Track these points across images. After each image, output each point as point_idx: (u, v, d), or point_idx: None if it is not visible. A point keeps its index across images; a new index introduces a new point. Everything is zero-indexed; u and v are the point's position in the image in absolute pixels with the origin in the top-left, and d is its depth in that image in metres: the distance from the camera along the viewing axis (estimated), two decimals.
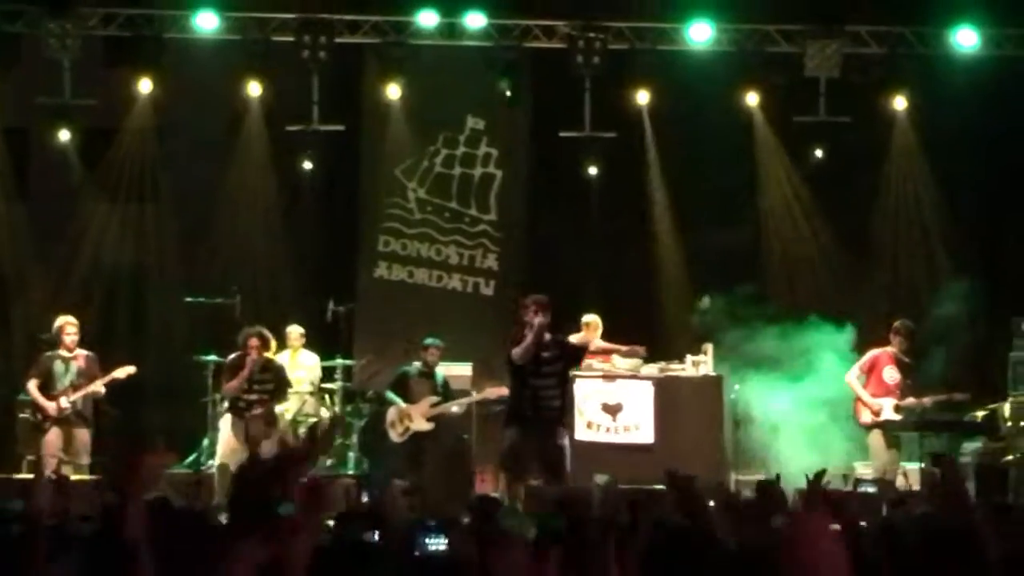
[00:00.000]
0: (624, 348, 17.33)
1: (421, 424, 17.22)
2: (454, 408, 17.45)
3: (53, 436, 16.07)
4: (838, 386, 17.13)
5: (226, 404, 16.55)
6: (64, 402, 16.11)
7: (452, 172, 20.24)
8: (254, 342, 16.32)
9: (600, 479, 14.17)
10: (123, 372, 16.40)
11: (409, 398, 17.29)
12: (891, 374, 16.68)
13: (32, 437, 16.28)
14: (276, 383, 16.56)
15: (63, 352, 16.38)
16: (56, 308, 17.04)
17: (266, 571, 5.76)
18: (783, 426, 17.39)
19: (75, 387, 16.22)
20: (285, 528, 5.97)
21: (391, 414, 17.31)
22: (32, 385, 16.25)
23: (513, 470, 14.31)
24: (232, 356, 16.46)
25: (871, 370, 16.71)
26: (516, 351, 14.20)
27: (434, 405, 17.25)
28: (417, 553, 7.23)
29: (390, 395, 17.38)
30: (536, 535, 6.63)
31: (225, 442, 16.29)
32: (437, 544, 6.85)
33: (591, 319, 17.54)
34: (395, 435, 17.29)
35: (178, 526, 6.50)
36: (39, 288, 18.97)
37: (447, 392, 17.44)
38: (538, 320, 14.11)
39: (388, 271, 20.16)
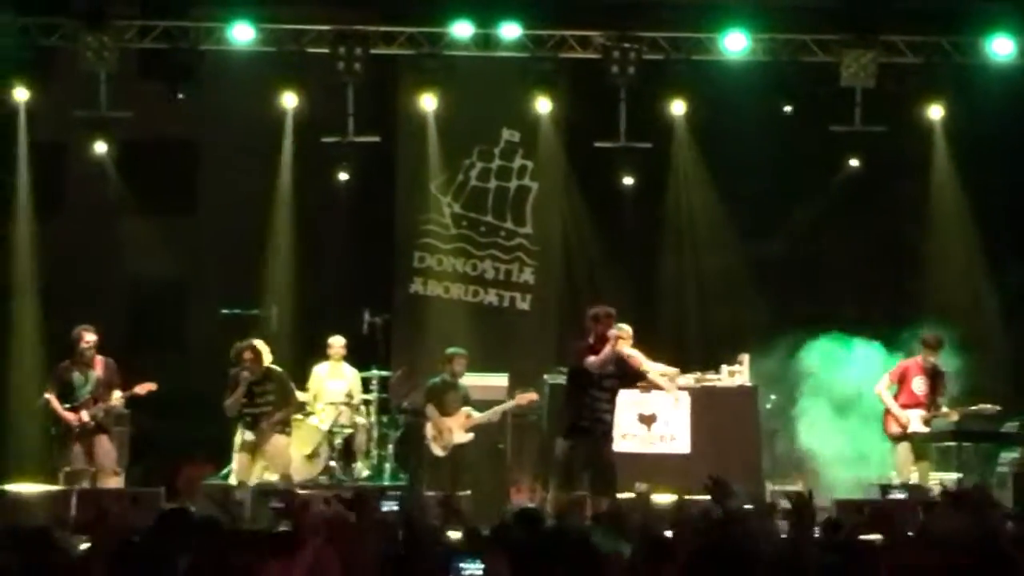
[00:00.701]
0: (665, 382, 17.29)
1: (461, 436, 17.15)
2: (489, 417, 17.34)
3: (77, 448, 15.99)
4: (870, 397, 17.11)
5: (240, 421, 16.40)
6: (85, 416, 16.01)
7: (487, 185, 20.33)
8: (247, 355, 16.05)
9: (640, 487, 14.38)
10: (143, 389, 16.24)
11: (445, 411, 17.18)
12: (920, 385, 16.57)
13: (57, 450, 16.21)
14: (279, 392, 16.25)
15: (82, 362, 16.27)
16: (93, 319, 16.84)
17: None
18: (820, 437, 17.40)
19: (95, 398, 16.09)
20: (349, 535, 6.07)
21: (430, 428, 17.20)
22: (51, 397, 16.16)
23: (563, 480, 14.37)
24: (232, 371, 16.21)
25: (901, 381, 16.65)
26: (593, 360, 14.28)
27: (469, 417, 17.14)
28: None
29: (428, 408, 17.28)
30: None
31: (236, 459, 16.21)
32: (474, 570, 6.83)
33: (622, 329, 17.51)
34: (438, 449, 17.17)
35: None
36: (76, 298, 18.98)
37: (468, 402, 17.37)
38: (613, 332, 14.32)
39: (424, 287, 20.25)
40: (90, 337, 16.18)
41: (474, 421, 17.19)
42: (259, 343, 16.39)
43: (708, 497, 10.33)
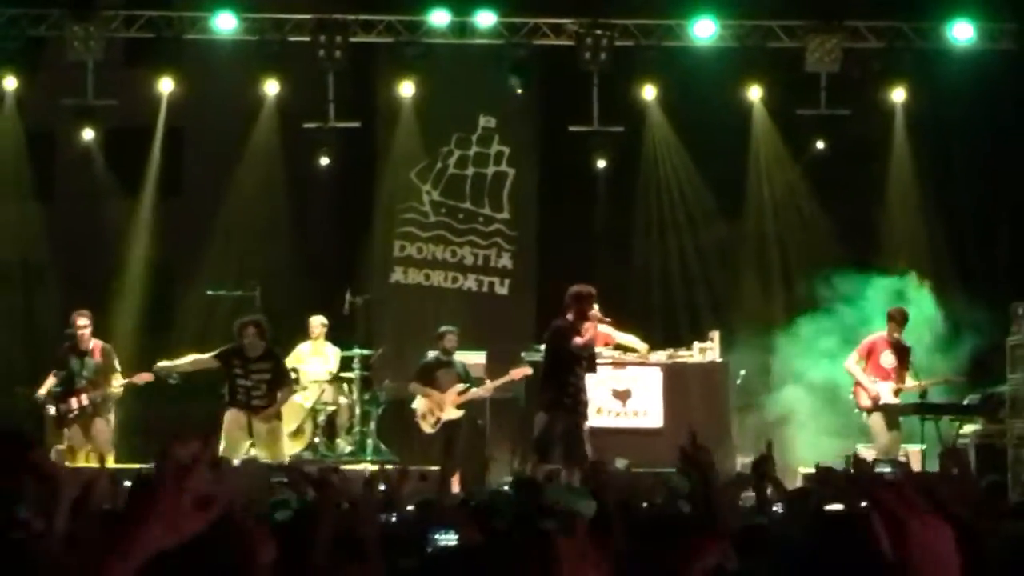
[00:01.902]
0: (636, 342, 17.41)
1: (452, 413, 17.00)
2: (481, 392, 17.26)
3: (75, 430, 16.15)
4: (838, 371, 17.14)
5: (226, 398, 16.06)
6: (84, 399, 16.16)
7: (465, 173, 20.40)
8: (250, 330, 15.75)
9: (620, 463, 14.40)
10: (141, 379, 16.33)
11: (436, 388, 17.12)
12: (888, 359, 16.57)
13: (55, 431, 16.33)
14: (274, 372, 15.99)
15: (79, 347, 16.36)
16: (81, 303, 16.98)
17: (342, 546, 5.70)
18: (789, 410, 17.41)
19: (93, 384, 16.21)
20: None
21: (421, 406, 17.08)
22: (51, 382, 16.29)
23: (540, 454, 14.44)
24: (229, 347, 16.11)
25: (869, 355, 16.63)
26: (579, 341, 14.41)
27: (461, 393, 17.09)
28: (429, 549, 7.14)
29: (419, 387, 17.18)
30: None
31: (225, 436, 15.72)
32: (447, 540, 6.75)
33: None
34: (427, 426, 17.05)
35: None
36: (65, 284, 19.17)
37: (468, 378, 17.24)
38: (595, 313, 14.57)
39: (404, 275, 20.36)
40: (82, 322, 16.26)
41: (467, 396, 17.10)
42: (262, 319, 16.19)
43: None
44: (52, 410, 16.28)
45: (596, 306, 17.19)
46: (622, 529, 6.06)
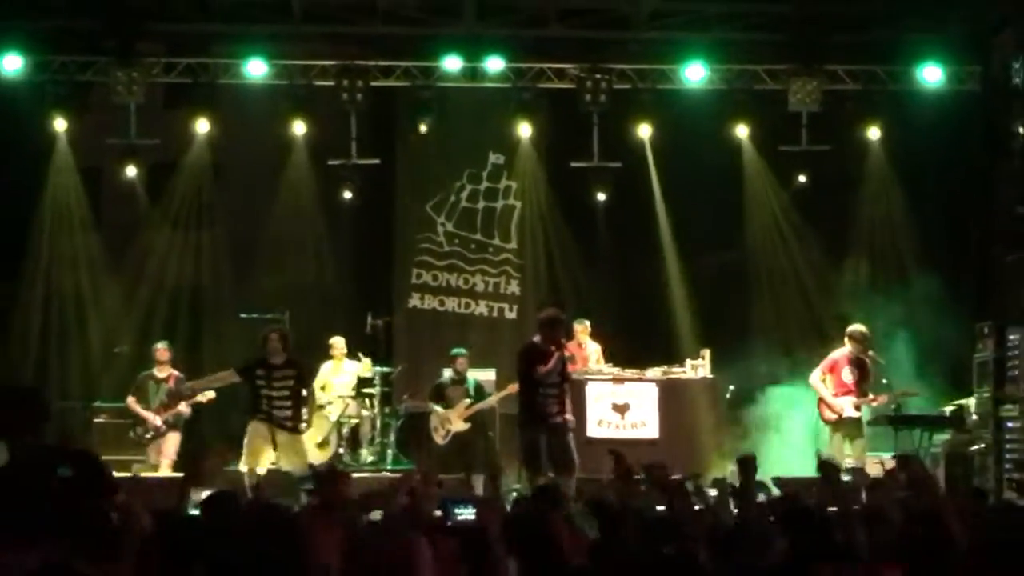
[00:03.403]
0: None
1: (459, 425, 17.38)
2: (486, 404, 17.53)
3: (152, 447, 16.68)
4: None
5: (250, 410, 15.42)
6: (158, 420, 16.67)
7: (476, 206, 20.52)
8: (274, 337, 15.23)
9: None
10: (205, 398, 16.66)
11: (447, 404, 17.50)
12: (848, 375, 16.59)
13: (135, 447, 16.73)
14: (296, 379, 15.28)
15: (156, 372, 16.87)
16: (127, 323, 17.55)
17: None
18: (772, 423, 17.48)
19: (165, 407, 16.72)
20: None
21: (433, 420, 17.50)
22: (131, 401, 16.78)
23: (530, 467, 14.36)
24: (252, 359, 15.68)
25: (832, 371, 16.66)
26: (542, 370, 14.19)
27: (468, 407, 17.43)
28: (449, 523, 7.31)
29: (430, 404, 17.57)
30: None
31: (247, 446, 15.04)
32: (467, 514, 6.96)
33: (580, 323, 17.98)
34: (439, 438, 17.46)
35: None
36: (112, 306, 19.23)
37: (480, 395, 17.55)
38: (566, 343, 14.52)
39: (421, 301, 20.44)
40: (161, 356, 16.88)
41: (472, 409, 17.40)
42: (285, 328, 16.11)
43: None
44: (131, 430, 16.82)
45: (586, 325, 17.49)
46: None
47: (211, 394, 16.63)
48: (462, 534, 5.99)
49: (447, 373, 17.79)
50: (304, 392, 15.61)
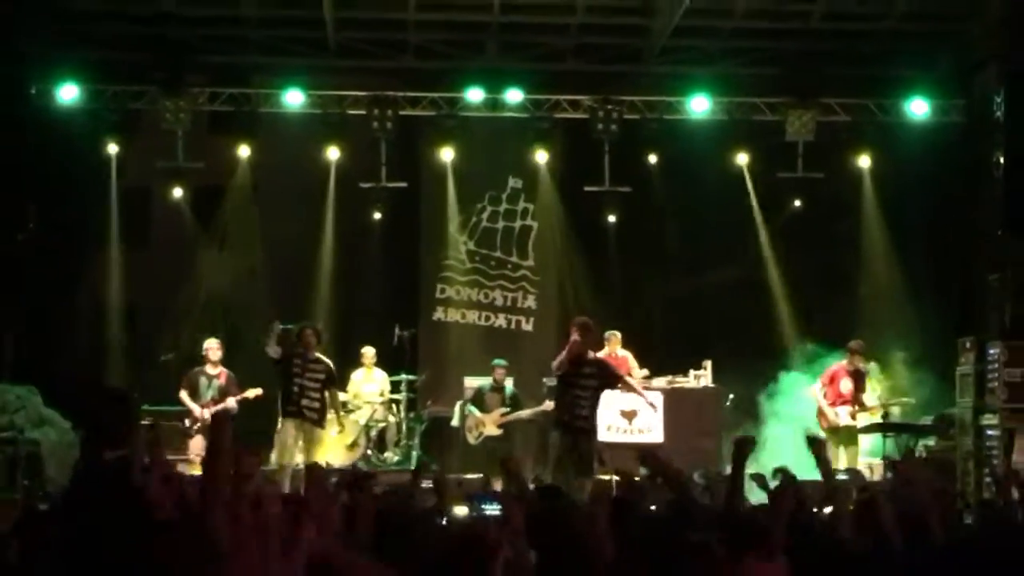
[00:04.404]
0: (639, 388, 17.27)
1: (492, 430, 17.70)
2: (524, 415, 17.72)
3: (198, 440, 16.66)
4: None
5: (279, 406, 15.97)
6: (206, 414, 16.67)
7: (496, 226, 20.71)
8: (309, 332, 15.96)
9: (643, 471, 14.80)
10: (252, 393, 16.88)
11: (484, 409, 17.84)
12: (846, 385, 16.93)
13: (181, 441, 16.71)
14: (327, 374, 16.01)
15: (208, 369, 17.03)
16: (175, 335, 17.64)
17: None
18: (770, 428, 17.49)
19: (215, 401, 16.82)
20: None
21: (468, 421, 17.77)
22: (183, 395, 16.88)
23: (555, 467, 14.28)
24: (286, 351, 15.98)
25: (830, 382, 16.97)
26: (554, 363, 14.39)
27: (504, 415, 17.70)
28: (475, 514, 7.41)
29: (470, 407, 17.83)
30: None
31: (278, 443, 15.78)
32: (492, 509, 6.95)
33: (612, 334, 18.01)
34: (471, 439, 17.73)
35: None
36: (159, 318, 19.39)
37: (516, 403, 17.78)
38: (572, 338, 14.21)
39: (444, 314, 20.62)
40: (213, 355, 17.01)
41: (507, 419, 17.69)
42: (319, 327, 16.47)
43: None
44: (179, 423, 16.87)
45: (617, 336, 17.60)
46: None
47: (259, 391, 16.87)
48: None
49: (488, 382, 18.06)
50: (328, 392, 16.05)
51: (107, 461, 5.95)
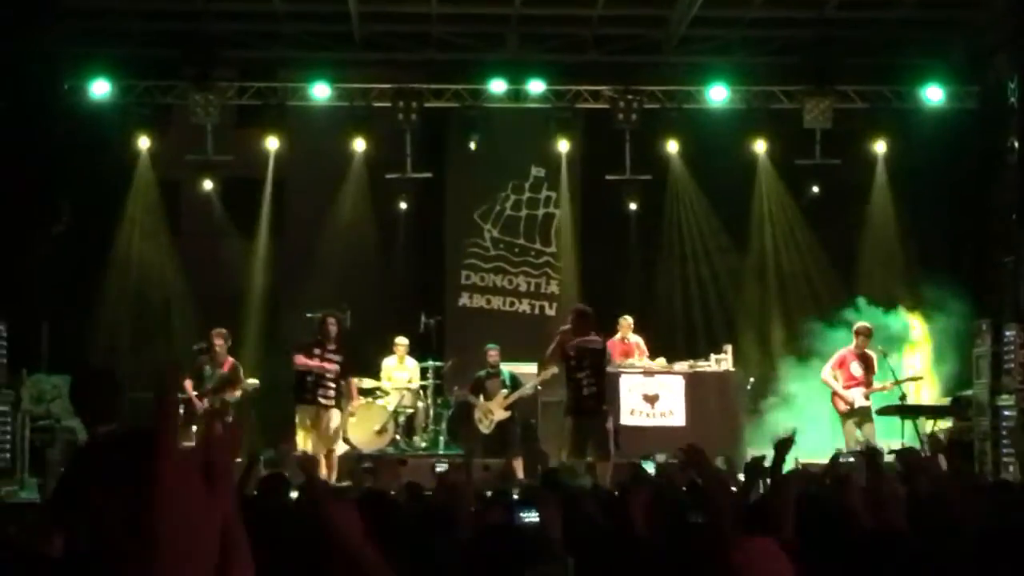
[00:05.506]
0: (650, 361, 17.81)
1: (500, 414, 17.40)
2: (526, 392, 17.47)
3: (199, 427, 15.94)
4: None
5: (296, 393, 15.85)
6: (205, 402, 16.38)
7: (519, 214, 20.83)
8: (330, 320, 15.88)
9: (660, 457, 14.95)
10: (250, 385, 16.73)
11: (487, 396, 17.56)
12: (856, 368, 16.77)
13: (181, 428, 15.92)
14: (345, 361, 15.92)
15: (215, 357, 16.74)
16: (206, 323, 17.47)
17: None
18: (793, 410, 17.35)
19: (215, 390, 16.47)
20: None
21: (476, 412, 17.54)
22: (187, 384, 16.43)
23: (570, 450, 14.55)
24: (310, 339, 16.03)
25: (841, 366, 16.81)
26: (547, 352, 14.90)
27: (507, 396, 17.44)
28: (515, 524, 6.73)
29: (471, 397, 17.70)
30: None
31: (300, 432, 15.75)
32: (531, 517, 6.45)
33: (624, 319, 18.10)
34: (484, 428, 17.45)
35: None
36: (190, 307, 19.44)
37: (515, 384, 17.54)
38: (562, 327, 14.75)
39: (470, 300, 20.76)
40: (218, 341, 16.67)
41: (511, 399, 17.39)
42: (340, 314, 16.37)
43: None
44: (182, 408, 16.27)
45: (629, 321, 17.71)
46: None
47: (255, 382, 16.80)
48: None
49: (485, 368, 17.85)
50: (343, 380, 15.97)
51: (101, 435, 5.82)
